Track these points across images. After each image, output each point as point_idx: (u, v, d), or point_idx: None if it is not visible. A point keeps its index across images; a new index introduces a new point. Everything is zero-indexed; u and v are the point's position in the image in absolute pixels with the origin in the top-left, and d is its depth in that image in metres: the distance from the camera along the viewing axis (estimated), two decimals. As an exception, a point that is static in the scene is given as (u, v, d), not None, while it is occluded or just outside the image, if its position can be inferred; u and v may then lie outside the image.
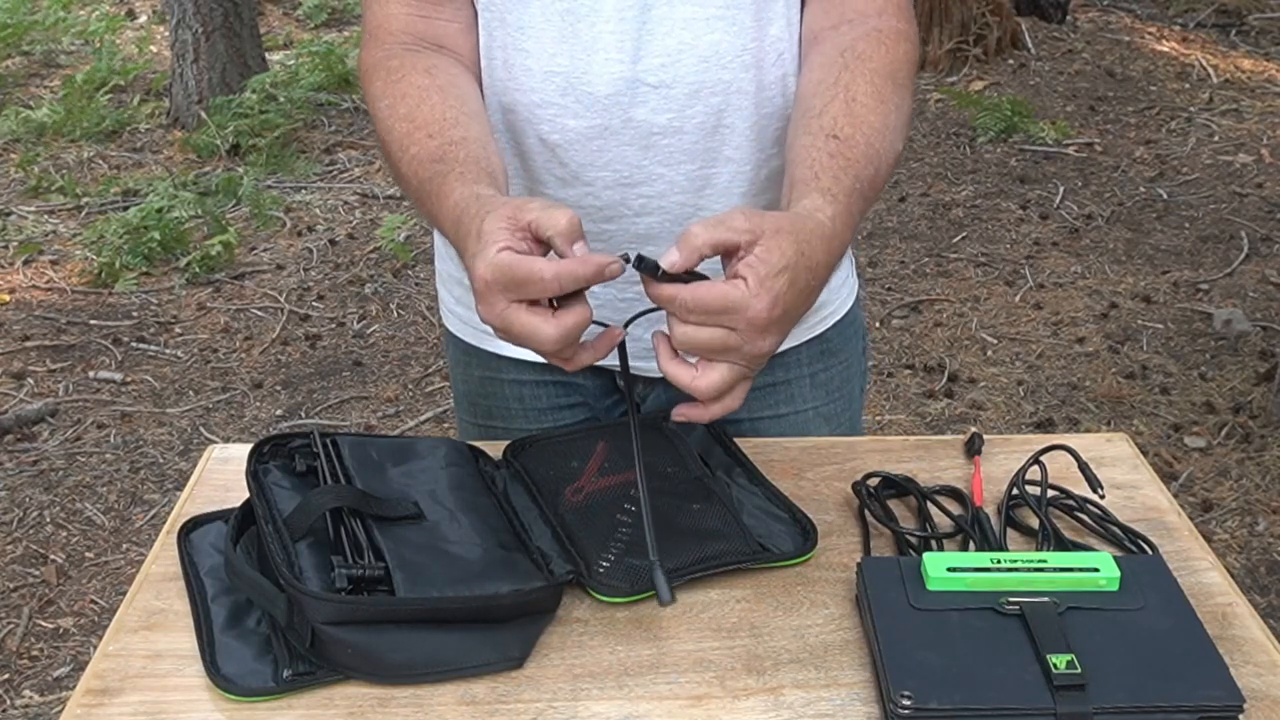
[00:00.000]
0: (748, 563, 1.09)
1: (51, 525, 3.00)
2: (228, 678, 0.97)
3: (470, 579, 1.02)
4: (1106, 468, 1.24)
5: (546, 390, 1.38)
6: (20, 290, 4.15)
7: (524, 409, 1.40)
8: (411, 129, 1.12)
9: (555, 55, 1.15)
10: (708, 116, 1.18)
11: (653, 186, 1.20)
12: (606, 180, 1.20)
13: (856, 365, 1.44)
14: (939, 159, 5.03)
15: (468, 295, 1.36)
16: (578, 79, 1.15)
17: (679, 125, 1.17)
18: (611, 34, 1.14)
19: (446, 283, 1.42)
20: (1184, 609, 0.99)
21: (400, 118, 1.13)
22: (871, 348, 3.68)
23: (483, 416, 1.44)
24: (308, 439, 1.17)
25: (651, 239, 1.23)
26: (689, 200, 1.22)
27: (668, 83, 1.15)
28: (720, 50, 1.15)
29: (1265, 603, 2.67)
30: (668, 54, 1.14)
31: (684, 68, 1.15)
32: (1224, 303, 3.87)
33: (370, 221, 4.65)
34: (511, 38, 1.16)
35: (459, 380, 1.47)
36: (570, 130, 1.18)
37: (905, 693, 0.90)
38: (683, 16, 1.14)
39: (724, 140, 1.20)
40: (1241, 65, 5.95)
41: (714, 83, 1.16)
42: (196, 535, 1.13)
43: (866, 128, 1.07)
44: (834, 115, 1.07)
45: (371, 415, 3.44)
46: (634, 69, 1.15)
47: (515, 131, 1.21)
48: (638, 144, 1.18)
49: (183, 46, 5.40)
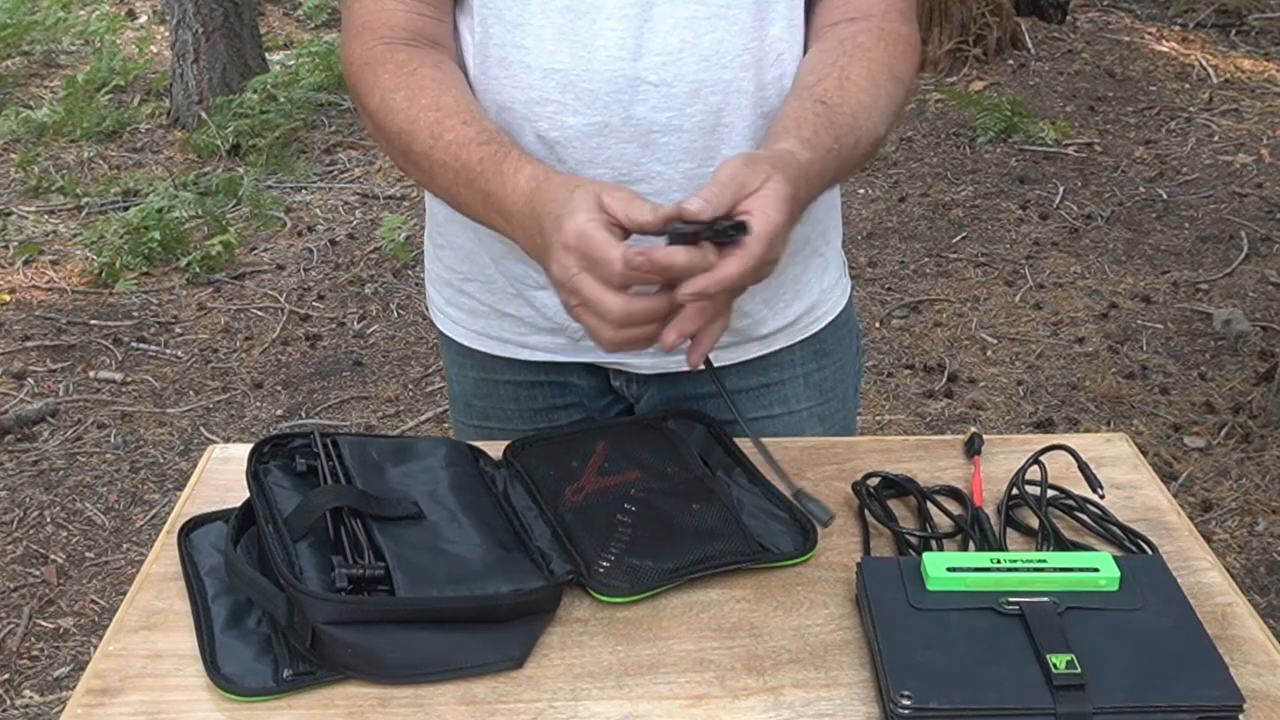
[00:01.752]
0: (748, 563, 1.09)
1: (52, 525, 3.00)
2: (228, 678, 0.97)
3: (470, 579, 1.02)
4: (1106, 468, 1.24)
5: (542, 391, 1.38)
6: (20, 290, 4.15)
7: (519, 409, 1.40)
8: (441, 116, 1.11)
9: (555, 52, 1.15)
10: (707, 115, 1.18)
11: (651, 184, 1.20)
12: (605, 177, 1.19)
13: (850, 365, 1.44)
14: (939, 159, 5.03)
15: (457, 295, 1.37)
16: (578, 76, 1.15)
17: (678, 123, 1.18)
18: (612, 31, 1.14)
19: (436, 283, 1.42)
20: (1184, 609, 0.99)
21: (424, 106, 1.13)
22: (871, 347, 3.68)
23: (478, 418, 1.44)
24: (308, 439, 1.17)
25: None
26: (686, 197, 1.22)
27: (668, 81, 1.15)
28: (721, 49, 1.15)
29: (1265, 603, 2.67)
30: (668, 52, 1.15)
31: (685, 66, 1.15)
32: (1224, 303, 3.87)
33: (370, 221, 4.65)
34: (510, 34, 1.16)
35: (454, 381, 1.46)
36: (570, 127, 1.17)
37: (905, 693, 0.90)
38: (684, 15, 1.14)
39: (722, 139, 1.20)
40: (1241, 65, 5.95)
41: (714, 81, 1.16)
42: (197, 535, 1.13)
43: (854, 102, 1.11)
44: (825, 87, 1.12)
45: (371, 415, 3.44)
46: (635, 66, 1.15)
47: (511, 130, 1.20)
48: (637, 141, 1.18)
49: (183, 46, 5.41)
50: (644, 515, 1.13)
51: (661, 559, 1.07)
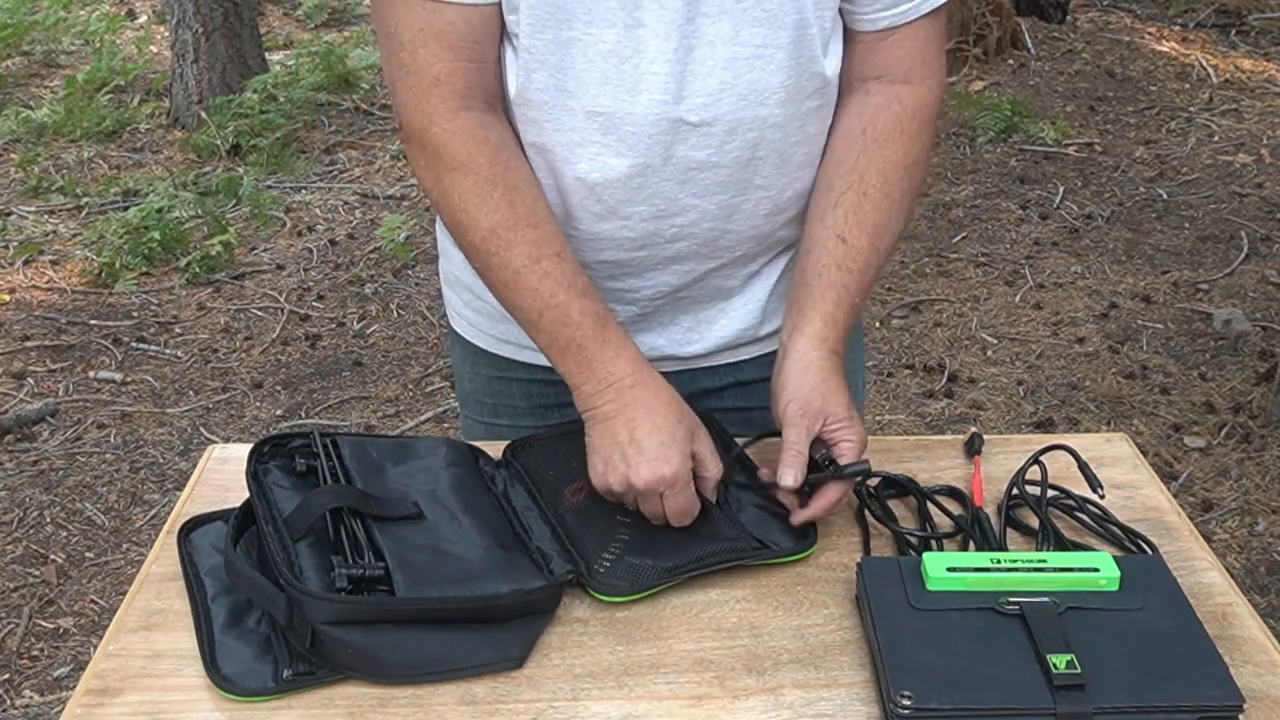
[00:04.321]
0: (747, 559, 1.09)
1: (51, 525, 3.00)
2: (228, 678, 0.97)
3: (470, 579, 1.02)
4: (1106, 468, 1.24)
5: (554, 389, 1.39)
6: (20, 290, 4.15)
7: (530, 406, 1.41)
8: (539, 238, 1.16)
9: (598, 96, 1.15)
10: (743, 150, 1.20)
11: (686, 216, 1.23)
12: (643, 214, 1.22)
13: (857, 360, 1.46)
14: (939, 159, 5.03)
15: (476, 300, 1.38)
16: (621, 119, 1.16)
17: (717, 160, 1.20)
18: (656, 75, 1.14)
19: (454, 285, 1.42)
20: (1184, 609, 0.99)
21: (522, 219, 1.15)
22: (871, 347, 3.68)
23: (489, 415, 1.45)
24: (307, 439, 1.17)
25: (679, 260, 1.27)
26: (717, 225, 1.25)
27: (708, 121, 1.17)
28: (759, 88, 1.17)
29: (1265, 603, 2.67)
30: (709, 94, 1.16)
31: (724, 106, 1.17)
32: (1224, 303, 3.87)
33: (370, 221, 4.65)
34: (553, 79, 1.16)
35: (465, 379, 1.47)
36: (611, 169, 1.19)
37: (905, 693, 0.90)
38: (724, 56, 1.15)
39: (755, 171, 1.22)
40: (1241, 65, 5.95)
41: (751, 119, 1.18)
42: (196, 535, 1.13)
43: (871, 227, 1.22)
44: (845, 210, 1.22)
45: (371, 415, 3.44)
46: (677, 109, 1.16)
47: (549, 171, 1.21)
48: (676, 179, 1.20)
49: (183, 46, 5.40)
50: (643, 516, 1.13)
51: (661, 558, 1.07)
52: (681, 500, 1.10)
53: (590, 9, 1.12)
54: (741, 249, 1.29)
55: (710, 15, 1.13)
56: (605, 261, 1.25)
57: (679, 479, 1.10)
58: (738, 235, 1.27)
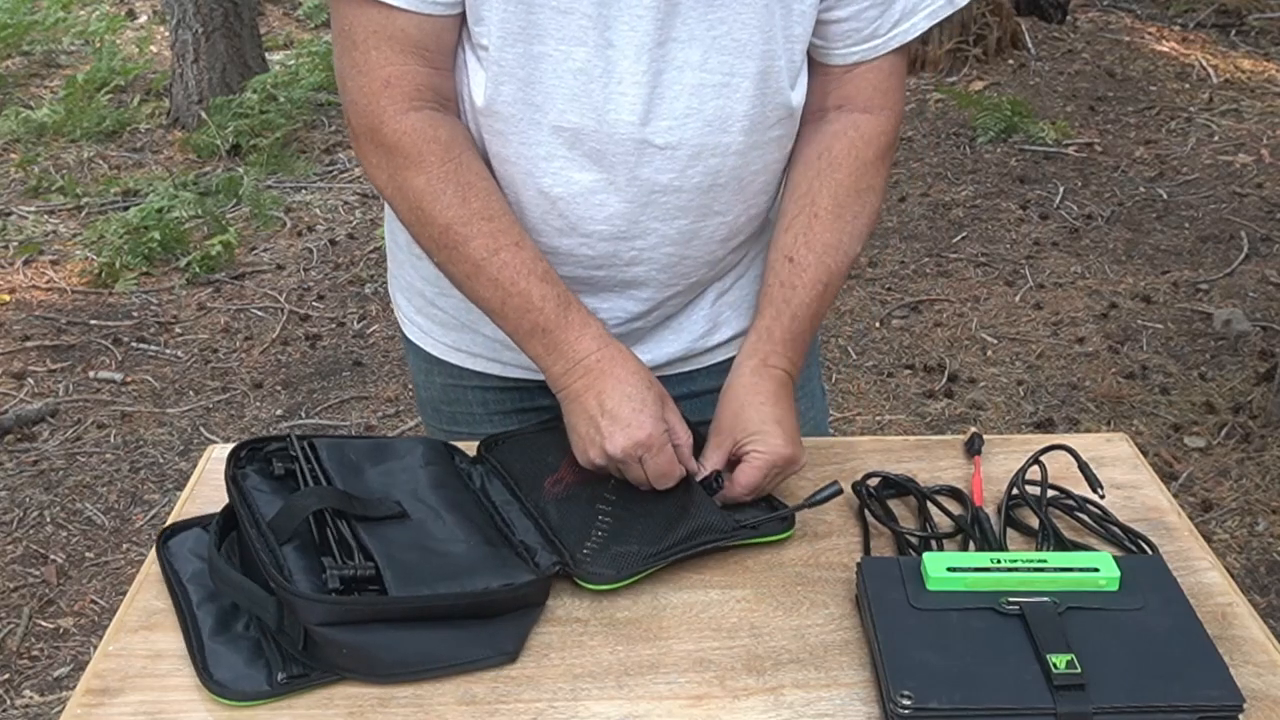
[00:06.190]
0: (729, 540, 1.10)
1: (51, 525, 3.00)
2: (221, 683, 0.96)
3: (460, 575, 1.02)
4: (1106, 468, 1.24)
5: (510, 395, 1.40)
6: (20, 290, 4.15)
7: (488, 413, 1.42)
8: (495, 230, 1.16)
9: (565, 112, 1.16)
10: (705, 176, 1.21)
11: (646, 240, 1.24)
12: (603, 233, 1.22)
13: (814, 366, 1.49)
14: (939, 159, 5.03)
15: (429, 306, 1.38)
16: (587, 135, 1.17)
17: (679, 184, 1.20)
18: (624, 95, 1.15)
19: (406, 291, 1.42)
20: (1184, 609, 0.99)
21: (477, 212, 1.16)
22: (871, 347, 3.68)
23: (447, 422, 1.45)
24: (284, 442, 1.17)
25: (636, 285, 1.28)
26: (677, 251, 1.26)
27: (673, 145, 1.18)
28: (724, 115, 1.18)
29: (1265, 603, 2.67)
30: (675, 117, 1.16)
31: (689, 130, 1.17)
32: (1224, 303, 3.87)
33: (370, 221, 4.65)
34: (521, 92, 1.16)
35: (422, 387, 1.47)
36: (574, 183, 1.19)
37: (905, 693, 0.90)
38: (692, 82, 1.16)
39: (715, 197, 1.23)
40: (1241, 65, 5.95)
41: (714, 145, 1.19)
42: (174, 543, 1.13)
43: (820, 246, 1.24)
44: (795, 233, 1.24)
45: (371, 415, 3.44)
46: (643, 130, 1.16)
47: (512, 183, 1.21)
48: (638, 200, 1.20)
49: (183, 46, 5.40)
50: (624, 503, 1.14)
51: (645, 543, 1.08)
52: (660, 462, 1.12)
53: (562, 26, 1.12)
54: (697, 275, 1.30)
55: (681, 41, 1.14)
56: (564, 277, 1.23)
57: (654, 440, 1.11)
58: (694, 262, 1.28)
